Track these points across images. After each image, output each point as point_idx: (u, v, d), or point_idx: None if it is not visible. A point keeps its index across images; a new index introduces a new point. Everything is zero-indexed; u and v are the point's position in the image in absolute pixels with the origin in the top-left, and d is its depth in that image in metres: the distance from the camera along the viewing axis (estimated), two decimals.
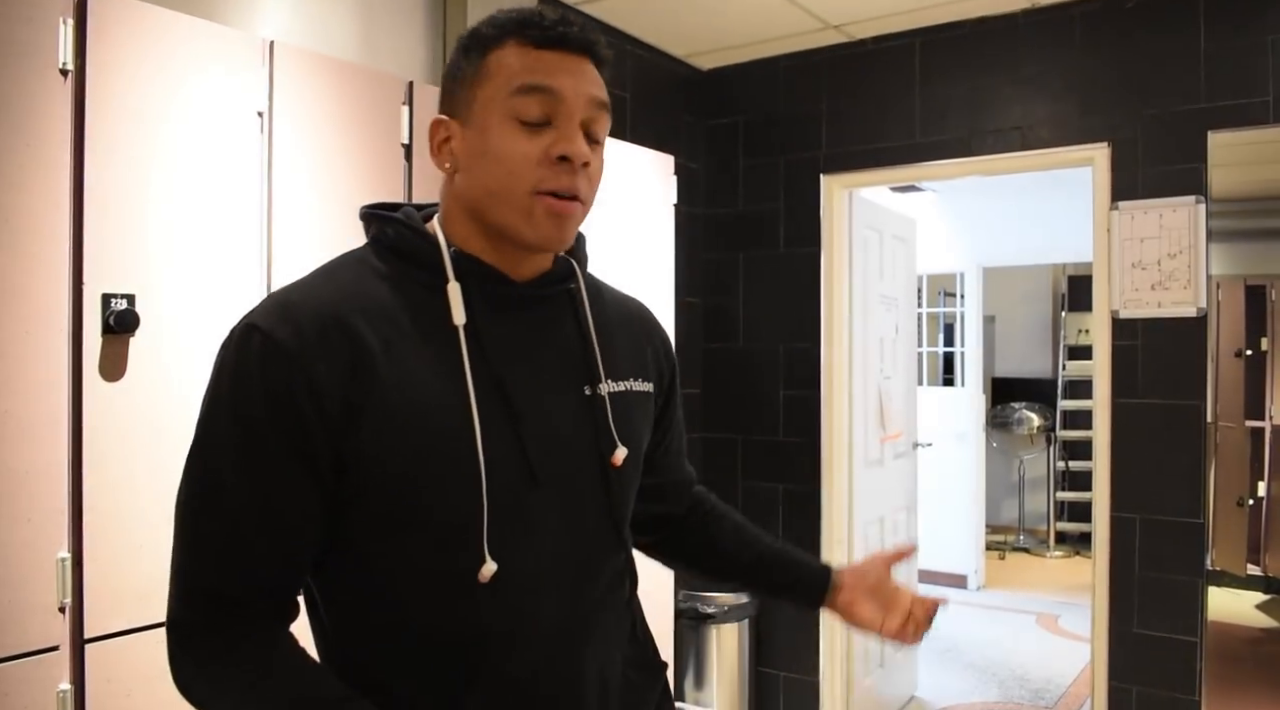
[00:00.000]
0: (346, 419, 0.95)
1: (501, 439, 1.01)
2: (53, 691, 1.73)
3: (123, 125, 1.84)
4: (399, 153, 2.40)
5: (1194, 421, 3.16)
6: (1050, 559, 7.81)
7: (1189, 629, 3.15)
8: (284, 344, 0.95)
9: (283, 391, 0.94)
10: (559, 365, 1.10)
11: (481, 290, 1.05)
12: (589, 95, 1.03)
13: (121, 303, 1.82)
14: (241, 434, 0.95)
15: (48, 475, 1.74)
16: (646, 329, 1.27)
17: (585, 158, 1.02)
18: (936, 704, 4.62)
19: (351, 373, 0.96)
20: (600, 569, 1.11)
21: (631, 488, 1.18)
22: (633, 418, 1.16)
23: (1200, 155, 3.13)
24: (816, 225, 3.94)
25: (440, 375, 1.00)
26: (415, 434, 0.97)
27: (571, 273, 1.15)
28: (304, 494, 0.96)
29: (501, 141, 1.01)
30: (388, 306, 1.01)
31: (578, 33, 1.03)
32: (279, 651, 0.97)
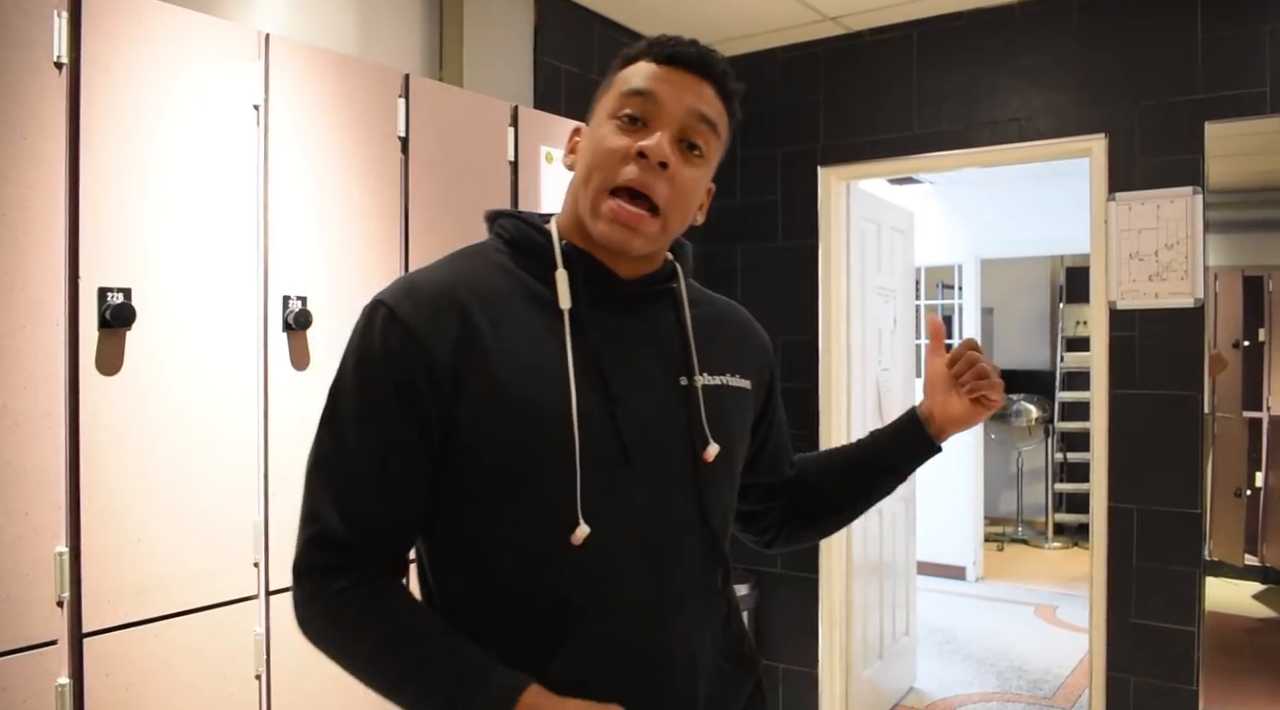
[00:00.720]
0: (455, 388, 1.05)
1: (597, 415, 1.08)
2: (51, 685, 1.73)
3: (118, 118, 1.84)
4: (395, 146, 2.40)
5: (1192, 412, 3.16)
6: (1048, 550, 7.82)
7: (1186, 619, 3.16)
8: (405, 319, 1.06)
9: (400, 361, 1.05)
10: (656, 356, 1.17)
11: (587, 281, 1.14)
12: (690, 106, 1.11)
13: (118, 296, 1.82)
14: (365, 398, 1.07)
15: (45, 470, 1.74)
16: (745, 331, 1.34)
17: (662, 157, 1.08)
18: (935, 695, 4.63)
19: (460, 347, 1.06)
20: (687, 552, 1.15)
21: (725, 480, 1.22)
22: (728, 412, 1.22)
23: (1197, 146, 3.13)
24: (814, 217, 3.93)
25: (543, 354, 1.09)
26: (516, 405, 1.06)
27: (674, 275, 1.23)
28: (417, 454, 1.06)
29: (601, 135, 1.12)
30: (500, 290, 1.11)
31: (697, 54, 1.13)
32: (389, 592, 1.07)
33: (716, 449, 1.16)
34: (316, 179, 2.22)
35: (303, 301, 2.17)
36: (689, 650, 1.15)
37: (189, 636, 1.93)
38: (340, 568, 1.06)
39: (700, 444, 1.16)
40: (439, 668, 1.02)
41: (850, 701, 4.00)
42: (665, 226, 1.12)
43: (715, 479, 1.18)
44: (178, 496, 1.92)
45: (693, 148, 1.12)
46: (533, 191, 2.78)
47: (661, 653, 1.12)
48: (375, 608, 1.05)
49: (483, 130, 2.66)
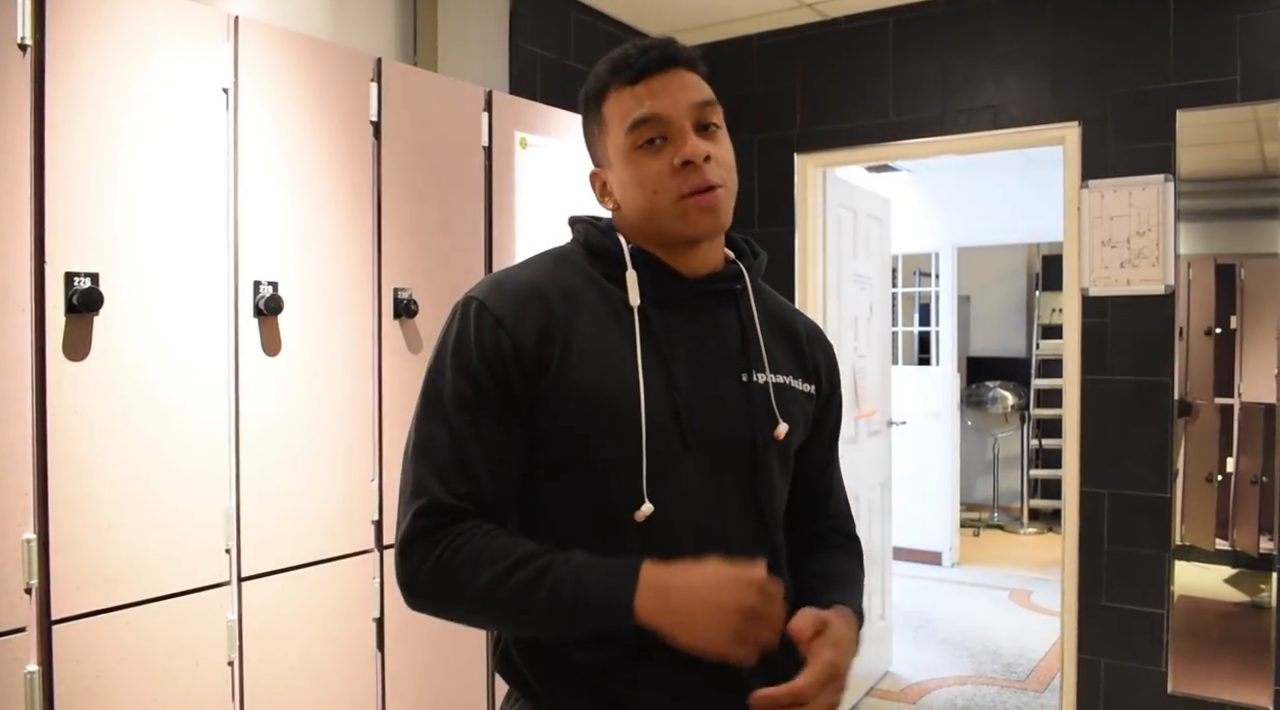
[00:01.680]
0: (538, 372, 1.16)
1: (660, 402, 1.18)
2: (20, 673, 1.72)
3: (84, 101, 1.82)
4: (368, 130, 2.39)
5: (1162, 398, 3.19)
6: (1023, 536, 7.89)
7: (1156, 602, 3.19)
8: (496, 311, 1.18)
9: (493, 348, 1.17)
10: (720, 352, 1.25)
11: (654, 281, 1.23)
12: (688, 102, 1.20)
13: (85, 281, 1.80)
14: (464, 380, 1.17)
15: (11, 456, 1.72)
16: (812, 340, 1.39)
17: (704, 153, 1.18)
18: (911, 679, 4.67)
19: (543, 334, 1.17)
20: (738, 535, 1.22)
21: (779, 471, 1.28)
22: (791, 408, 1.28)
23: (1169, 134, 3.15)
24: (791, 204, 3.94)
25: (614, 345, 1.19)
26: (589, 390, 1.16)
27: (740, 275, 1.30)
28: (509, 428, 1.17)
29: (637, 171, 1.21)
30: (576, 288, 1.23)
31: (658, 55, 1.21)
32: (497, 533, 1.15)
33: (786, 428, 1.25)
34: (287, 164, 2.20)
35: (274, 287, 2.15)
36: None
37: (160, 623, 1.92)
38: (448, 528, 1.14)
39: (763, 430, 1.24)
40: (560, 571, 1.09)
41: None
42: (729, 192, 1.23)
43: (769, 469, 1.25)
44: (148, 483, 1.91)
45: (708, 127, 1.22)
46: (506, 178, 2.77)
47: None
48: (486, 545, 1.13)
49: (456, 115, 2.65)
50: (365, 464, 2.37)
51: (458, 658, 2.58)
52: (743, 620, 1.05)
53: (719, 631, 1.05)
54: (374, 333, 2.40)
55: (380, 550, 2.38)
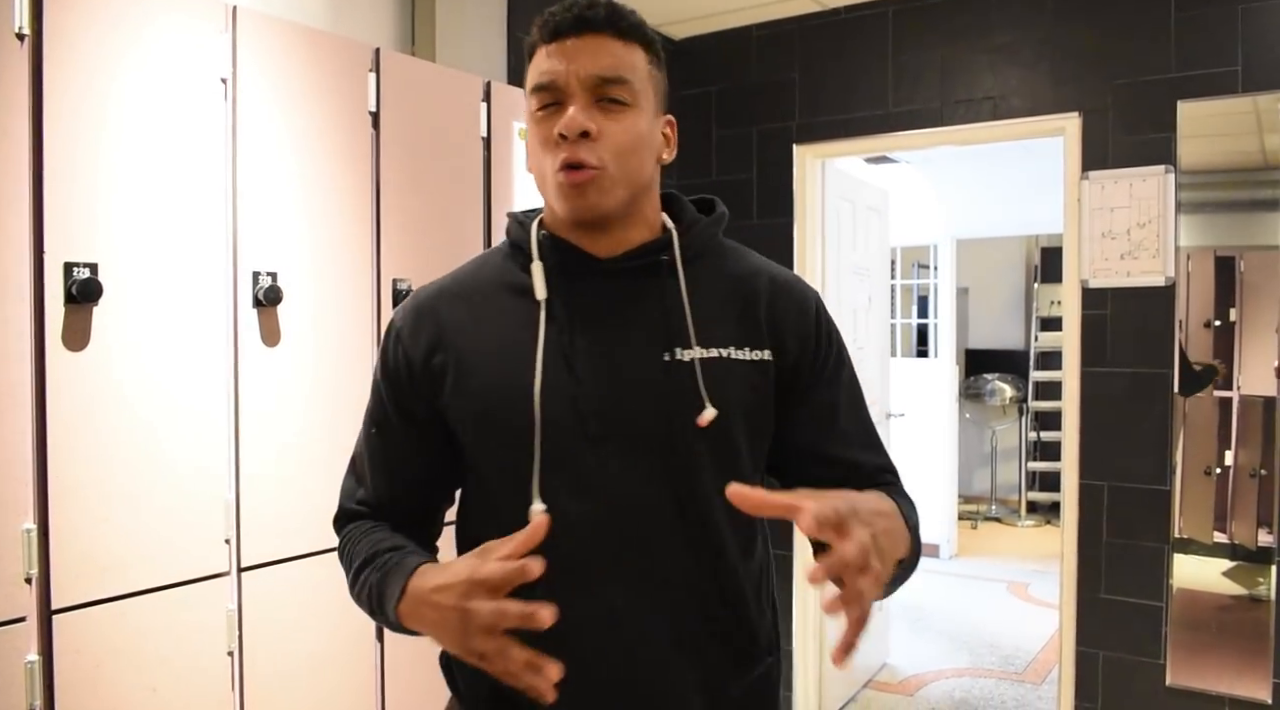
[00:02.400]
0: (432, 383, 1.18)
1: (561, 398, 1.12)
2: (20, 662, 1.72)
3: (83, 91, 1.81)
4: (366, 121, 2.38)
5: (1162, 390, 3.19)
6: (1022, 528, 7.90)
7: (1154, 594, 3.20)
8: (398, 325, 1.23)
9: (392, 362, 1.22)
10: (638, 333, 1.16)
11: (565, 269, 1.18)
12: (586, 72, 1.11)
13: (84, 271, 1.80)
14: (374, 395, 1.25)
15: (11, 446, 1.72)
16: (774, 300, 1.23)
17: (579, 128, 1.09)
18: (908, 671, 4.68)
19: (435, 347, 1.18)
20: (661, 533, 1.14)
21: (718, 454, 1.15)
22: (726, 384, 1.15)
23: (1170, 125, 3.15)
24: (789, 196, 3.93)
25: (516, 343, 1.15)
26: (485, 391, 1.15)
27: (666, 247, 1.19)
28: (413, 444, 1.22)
29: (532, 137, 1.17)
30: (487, 288, 1.22)
31: (573, 16, 1.12)
32: (378, 527, 1.22)
33: (713, 413, 1.12)
34: (286, 154, 2.20)
35: (273, 277, 2.15)
36: (658, 635, 1.13)
37: (160, 613, 1.92)
38: (357, 514, 1.25)
39: (691, 412, 1.12)
40: (373, 576, 1.14)
41: (824, 677, 4.04)
42: (613, 178, 1.12)
43: (691, 457, 1.13)
44: (147, 473, 1.91)
45: (613, 102, 1.12)
46: (505, 168, 2.77)
47: (634, 635, 1.13)
48: (355, 544, 1.20)
49: (455, 106, 2.64)
50: None
51: None
52: (463, 626, 0.97)
53: (449, 639, 1.02)
54: (373, 323, 2.40)
55: None
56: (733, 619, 1.19)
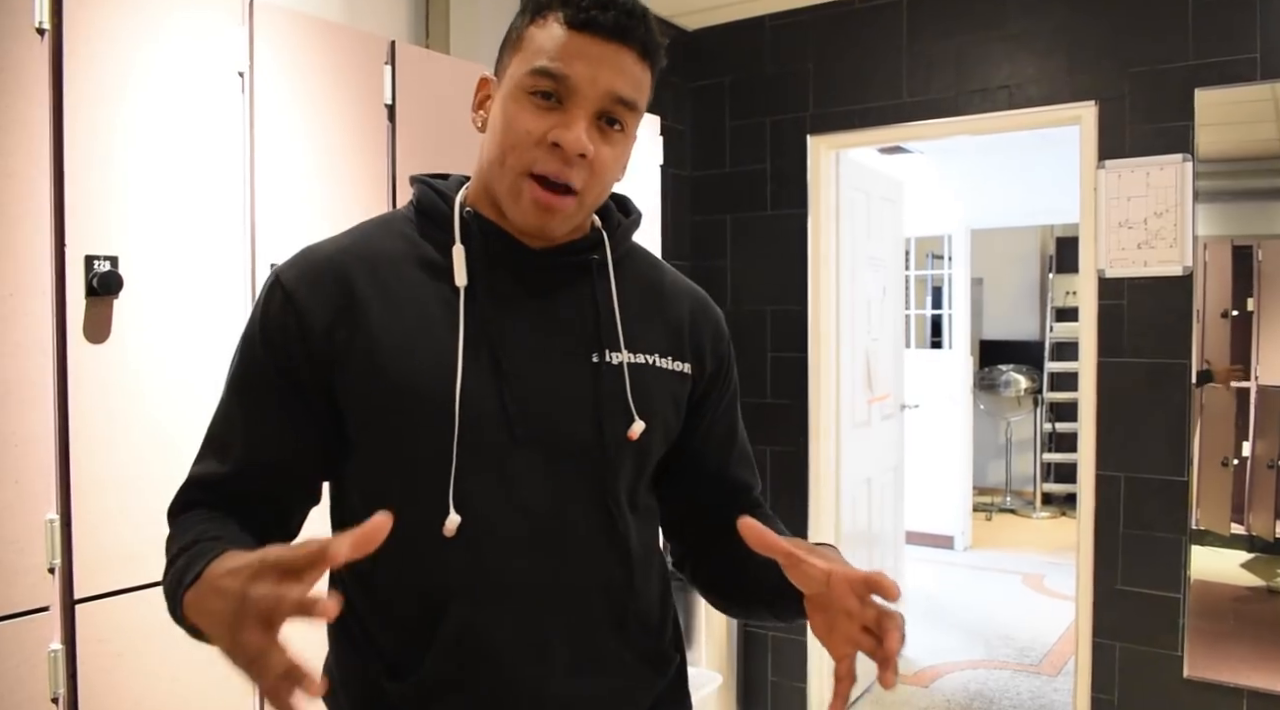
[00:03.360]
0: (331, 357, 1.02)
1: (484, 396, 1.02)
2: (44, 651, 1.74)
3: (102, 85, 1.82)
4: (382, 113, 2.39)
5: (1179, 380, 3.18)
6: (1036, 520, 7.88)
7: (1172, 585, 3.19)
8: (286, 284, 1.05)
9: (278, 327, 1.04)
10: (566, 332, 1.09)
11: (491, 253, 1.07)
12: (606, 88, 1.02)
13: (105, 265, 1.81)
14: (245, 358, 1.07)
15: (34, 437, 1.73)
16: (696, 313, 1.21)
17: (580, 149, 1.00)
18: (923, 663, 4.68)
19: (339, 315, 1.03)
20: (582, 543, 1.08)
21: (639, 461, 1.12)
22: (652, 392, 1.12)
23: (1188, 113, 3.13)
24: (803, 187, 3.93)
25: (434, 330, 1.03)
26: (397, 380, 1.01)
27: (599, 244, 1.13)
28: (294, 417, 1.05)
29: (512, 114, 1.03)
30: (398, 260, 1.07)
31: (614, 19, 1.01)
32: (219, 516, 1.03)
33: (642, 426, 1.08)
34: (303, 147, 2.21)
35: None
36: (578, 648, 1.07)
37: None
38: (196, 504, 1.06)
39: (619, 420, 1.08)
40: (180, 561, 0.94)
41: None
42: (582, 204, 1.06)
43: (622, 465, 1.10)
44: (168, 463, 1.92)
45: (612, 123, 1.04)
46: None
47: (540, 650, 1.05)
48: (193, 529, 1.00)
49: (470, 98, 2.64)
50: None
51: None
52: (235, 615, 0.78)
53: (222, 633, 0.81)
54: None
55: None
56: (643, 627, 1.15)
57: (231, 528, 1.01)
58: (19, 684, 1.70)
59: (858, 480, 4.22)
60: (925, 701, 4.22)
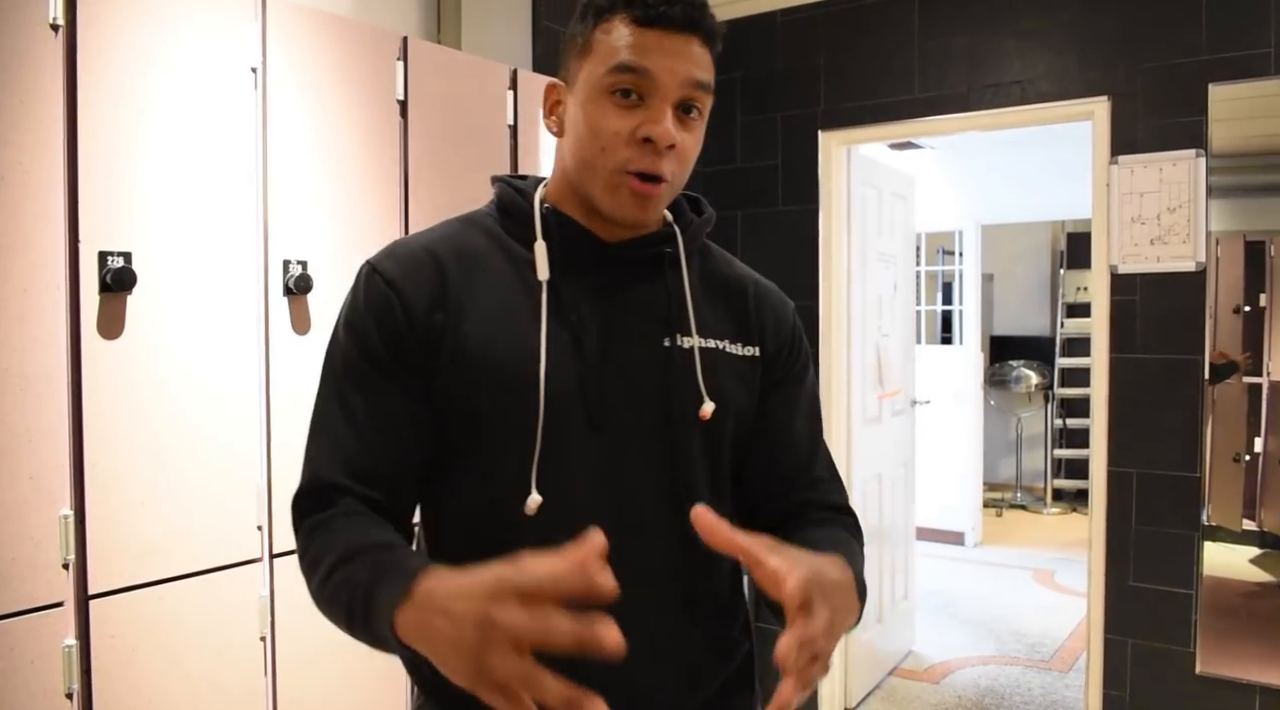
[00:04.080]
0: (430, 339, 1.07)
1: (565, 383, 1.07)
2: (58, 646, 1.75)
3: (115, 81, 1.82)
4: (394, 109, 2.39)
5: (1192, 376, 3.16)
6: (1047, 516, 7.86)
7: (1184, 582, 3.18)
8: (386, 272, 1.09)
9: (384, 311, 1.07)
10: (641, 320, 1.13)
11: (570, 247, 1.12)
12: (685, 76, 1.06)
13: (118, 261, 1.82)
14: (354, 346, 1.09)
15: (48, 433, 1.74)
16: (760, 299, 1.25)
17: (670, 141, 1.05)
18: (934, 658, 4.67)
19: (437, 300, 1.08)
20: (657, 527, 1.10)
21: (711, 443, 1.15)
22: (722, 376, 1.15)
23: (1201, 108, 3.11)
24: (814, 182, 3.92)
25: (519, 321, 1.08)
26: (485, 368, 1.06)
27: (671, 239, 1.18)
28: (404, 393, 1.07)
29: (597, 116, 1.07)
30: (483, 254, 1.12)
31: (682, 11, 1.06)
32: (355, 519, 1.03)
33: (712, 407, 1.12)
34: (315, 143, 2.21)
35: (303, 266, 2.16)
36: (647, 632, 1.04)
37: (194, 599, 1.95)
38: (323, 508, 1.05)
39: (690, 404, 1.11)
40: (360, 573, 0.94)
41: (850, 664, 4.04)
42: (671, 190, 1.11)
43: (693, 447, 1.13)
44: (181, 460, 1.93)
45: (689, 111, 1.09)
46: (532, 155, 2.77)
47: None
48: (334, 535, 1.01)
49: (482, 94, 2.65)
50: None
51: None
52: (480, 643, 0.76)
53: (458, 660, 0.78)
54: None
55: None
56: (712, 611, 1.18)
57: (390, 531, 1.02)
58: (34, 679, 1.71)
59: (869, 476, 4.21)
60: (936, 697, 4.21)
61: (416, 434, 1.08)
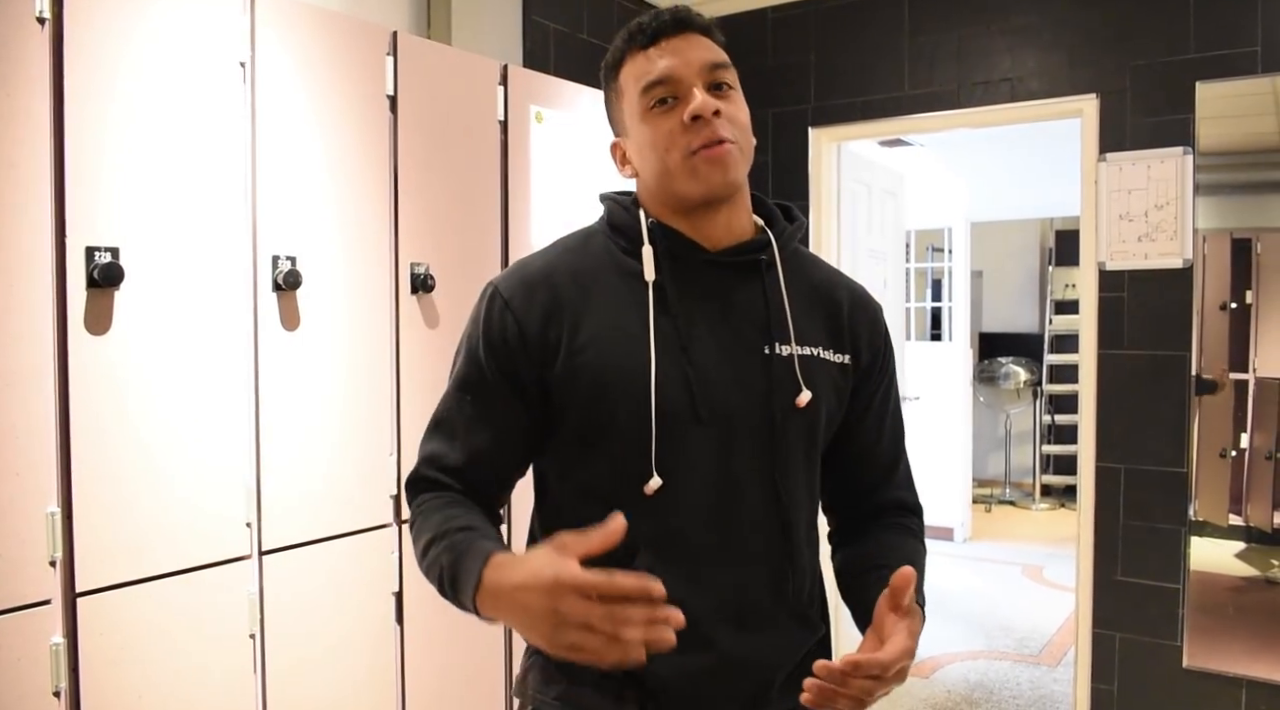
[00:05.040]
0: (545, 354, 1.20)
1: (673, 376, 1.18)
2: (46, 645, 1.73)
3: (103, 75, 1.81)
4: (384, 104, 2.38)
5: (1179, 372, 3.18)
6: (1036, 511, 7.89)
7: (1171, 576, 3.20)
8: (505, 295, 1.23)
9: (499, 331, 1.22)
10: (741, 325, 1.23)
11: (674, 255, 1.24)
12: (699, 62, 1.20)
13: (105, 256, 1.80)
14: (470, 362, 1.25)
15: (35, 429, 1.73)
16: (854, 307, 1.34)
17: (712, 108, 1.18)
18: (924, 653, 4.69)
19: (549, 319, 1.20)
20: (752, 512, 1.22)
21: (802, 438, 1.25)
22: (818, 379, 1.25)
23: (1188, 106, 3.13)
24: (804, 179, 3.92)
25: (628, 322, 1.20)
26: (600, 368, 1.18)
27: (766, 245, 1.28)
28: (512, 410, 1.23)
29: (650, 131, 1.21)
30: (594, 269, 1.25)
31: (670, 19, 1.21)
32: (458, 502, 1.22)
33: (809, 395, 1.22)
34: (305, 138, 2.20)
35: (292, 261, 2.15)
36: (740, 603, 1.22)
37: (183, 596, 1.94)
38: (420, 494, 1.25)
39: (786, 399, 1.22)
40: (448, 556, 1.13)
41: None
42: (742, 151, 1.22)
43: (787, 444, 1.23)
44: (169, 457, 1.92)
45: (720, 87, 1.21)
46: (522, 151, 2.76)
47: (709, 602, 1.19)
48: (432, 514, 1.20)
49: (472, 89, 2.64)
50: (384, 438, 2.38)
51: (475, 631, 2.59)
52: (552, 627, 0.97)
53: (536, 635, 1.01)
54: (391, 307, 2.40)
55: (399, 524, 2.39)
56: (797, 594, 1.28)
57: (476, 514, 1.20)
58: (21, 678, 1.70)
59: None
60: (926, 692, 4.23)
61: (516, 437, 1.24)
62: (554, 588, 0.97)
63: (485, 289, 1.27)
